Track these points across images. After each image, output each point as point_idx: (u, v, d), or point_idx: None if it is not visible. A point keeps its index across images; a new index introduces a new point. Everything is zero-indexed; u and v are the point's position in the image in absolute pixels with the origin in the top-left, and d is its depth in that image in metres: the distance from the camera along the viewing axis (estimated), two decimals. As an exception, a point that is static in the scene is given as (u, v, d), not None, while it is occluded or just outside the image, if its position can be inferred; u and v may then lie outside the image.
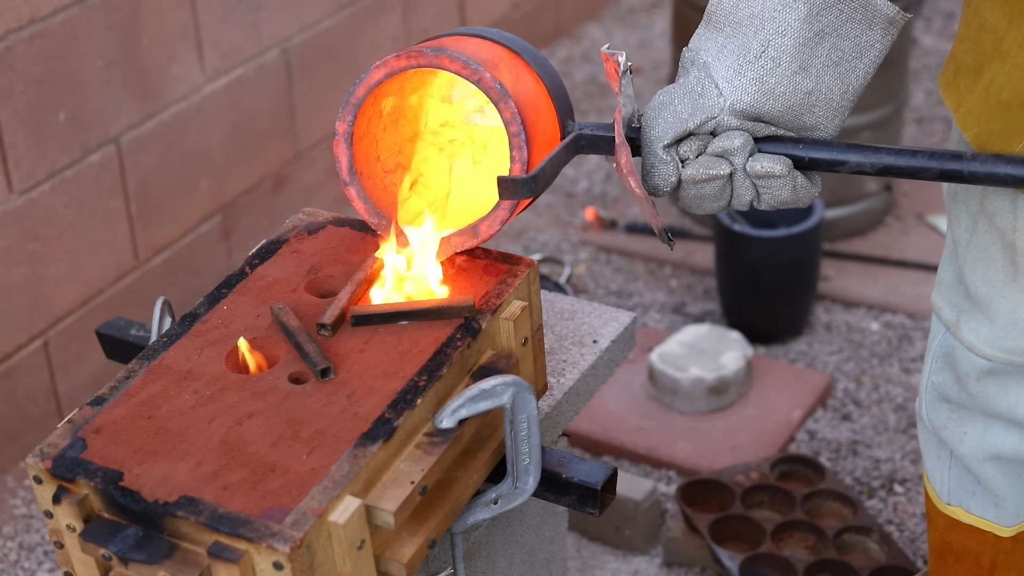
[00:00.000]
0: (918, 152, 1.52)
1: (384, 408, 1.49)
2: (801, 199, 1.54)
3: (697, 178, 1.52)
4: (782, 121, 1.52)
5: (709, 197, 1.54)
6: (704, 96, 1.51)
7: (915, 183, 3.56)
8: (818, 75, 1.51)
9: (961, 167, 1.50)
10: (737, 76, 1.50)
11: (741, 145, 1.50)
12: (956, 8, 4.52)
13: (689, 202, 1.55)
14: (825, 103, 1.52)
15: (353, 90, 1.62)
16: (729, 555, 2.46)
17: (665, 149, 1.52)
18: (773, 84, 1.50)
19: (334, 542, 1.39)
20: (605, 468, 1.61)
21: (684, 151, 1.52)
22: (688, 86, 1.52)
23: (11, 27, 2.58)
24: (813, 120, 1.53)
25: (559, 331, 1.90)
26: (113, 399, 1.53)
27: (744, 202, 1.54)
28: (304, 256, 1.72)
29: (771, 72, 1.49)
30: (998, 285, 1.69)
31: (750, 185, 1.52)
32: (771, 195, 1.53)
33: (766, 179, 1.51)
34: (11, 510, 2.75)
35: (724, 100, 1.51)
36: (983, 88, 1.57)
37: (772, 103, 1.50)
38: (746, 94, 1.50)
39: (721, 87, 1.51)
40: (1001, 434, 1.78)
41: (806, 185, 1.54)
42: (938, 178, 1.51)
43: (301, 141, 3.38)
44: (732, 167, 1.51)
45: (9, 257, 2.69)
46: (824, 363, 3.06)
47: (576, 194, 3.70)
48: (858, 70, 1.52)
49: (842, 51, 1.51)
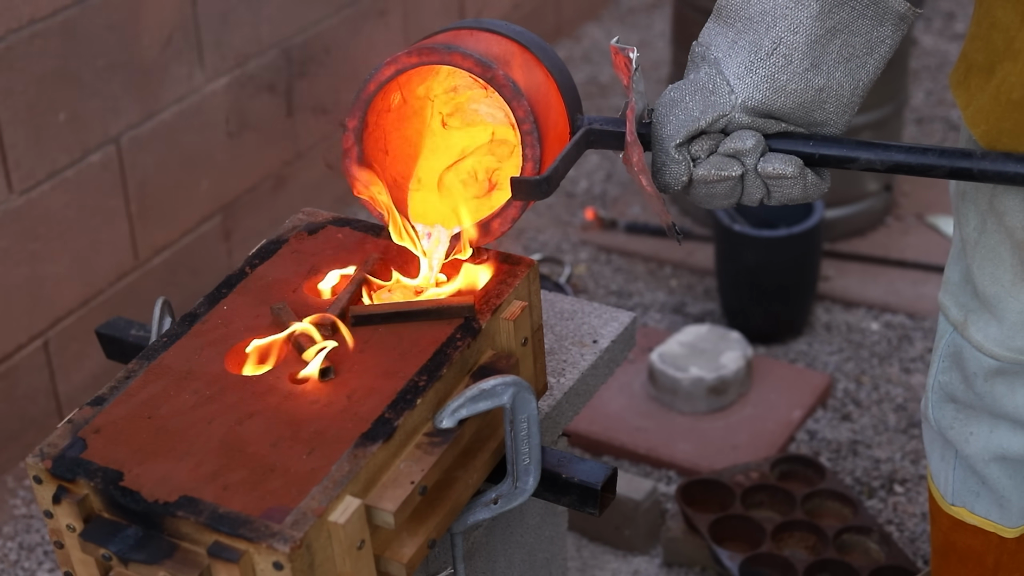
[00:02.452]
0: (928, 150, 1.52)
1: (384, 408, 1.49)
2: (811, 196, 1.56)
3: (709, 179, 1.52)
4: (793, 117, 1.52)
5: (720, 196, 1.55)
6: (715, 93, 1.51)
7: (915, 183, 3.56)
8: (829, 72, 1.51)
9: (971, 165, 1.50)
10: (748, 73, 1.50)
11: (753, 147, 1.51)
12: (956, 8, 4.52)
13: (700, 199, 1.56)
14: (836, 99, 1.53)
15: (363, 86, 1.61)
16: (729, 555, 2.46)
17: (677, 148, 1.52)
18: (785, 81, 1.50)
19: (334, 542, 1.39)
20: (605, 468, 1.61)
21: (696, 150, 1.53)
22: (699, 83, 1.52)
23: (11, 27, 2.58)
24: (824, 116, 1.53)
25: (559, 331, 1.90)
26: (113, 399, 1.53)
27: (755, 200, 1.55)
28: (304, 256, 1.72)
29: (783, 69, 1.49)
30: (1007, 284, 1.69)
31: (761, 184, 1.53)
32: (782, 193, 1.54)
33: (778, 179, 1.52)
34: (11, 510, 2.75)
35: (736, 97, 1.51)
36: (994, 87, 1.57)
37: (784, 100, 1.51)
38: (758, 91, 1.50)
39: (732, 84, 1.51)
40: (1007, 434, 1.78)
41: (816, 182, 1.55)
42: (948, 176, 1.52)
43: (301, 141, 3.38)
44: (744, 168, 1.52)
45: (9, 257, 2.69)
46: (824, 363, 3.06)
47: (576, 194, 3.70)
48: (868, 66, 1.52)
49: (853, 47, 1.51)
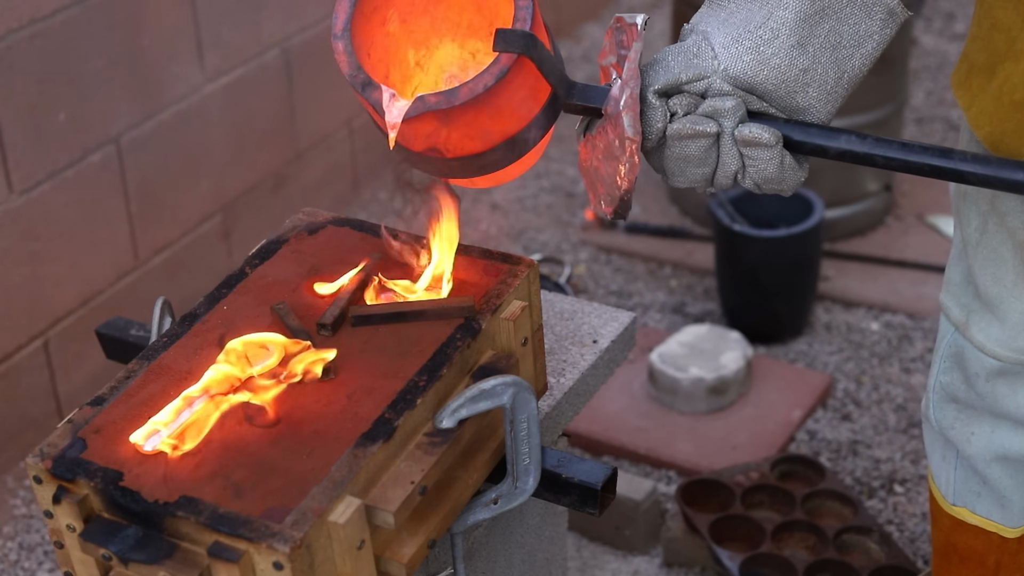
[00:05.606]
0: (909, 146, 1.49)
1: (384, 408, 1.49)
2: (787, 179, 1.51)
3: (683, 132, 1.49)
4: (775, 97, 1.50)
5: (694, 160, 1.51)
6: (699, 56, 1.50)
7: (915, 183, 3.56)
8: (815, 55, 1.49)
9: (952, 165, 1.47)
10: (734, 44, 1.49)
11: (731, 108, 1.48)
12: (956, 8, 4.52)
13: (673, 164, 1.52)
14: (819, 85, 1.51)
15: None
16: (729, 555, 2.46)
17: (655, 94, 1.50)
18: (769, 55, 1.48)
19: (334, 542, 1.39)
20: (605, 468, 1.61)
21: (673, 104, 1.50)
22: (684, 47, 1.51)
23: (11, 27, 2.58)
24: (806, 101, 1.51)
25: (559, 331, 1.90)
26: (113, 399, 1.53)
27: (729, 172, 1.51)
28: (304, 256, 1.72)
29: (768, 43, 1.48)
30: (1008, 285, 1.69)
31: (736, 153, 1.50)
32: (756, 169, 1.50)
33: (753, 147, 1.48)
34: (11, 510, 2.75)
35: (719, 63, 1.49)
36: (996, 87, 1.57)
37: (767, 74, 1.49)
38: (741, 61, 1.48)
39: (717, 51, 1.49)
40: (1009, 434, 1.78)
41: (793, 166, 1.51)
42: (929, 174, 1.49)
43: (301, 141, 3.38)
44: (720, 128, 1.49)
45: (9, 257, 2.69)
46: (824, 363, 3.06)
47: (576, 194, 3.70)
48: (855, 59, 1.51)
49: (840, 35, 1.50)
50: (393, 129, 1.50)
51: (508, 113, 1.52)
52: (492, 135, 1.54)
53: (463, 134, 1.53)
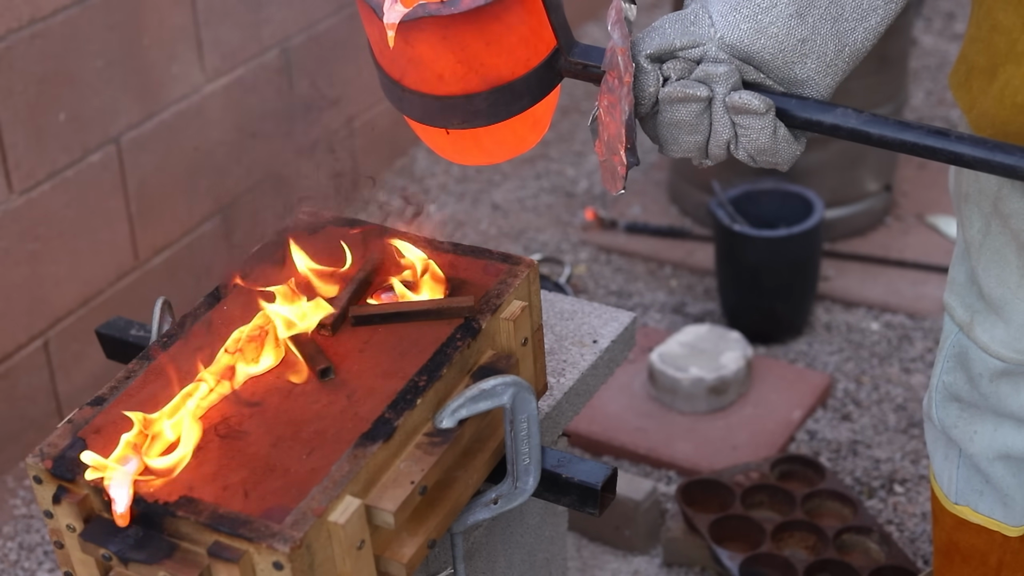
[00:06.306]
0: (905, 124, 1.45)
1: (384, 408, 1.49)
2: (781, 152, 1.48)
3: (674, 95, 1.46)
4: (772, 67, 1.47)
5: (686, 127, 1.48)
6: (696, 24, 1.47)
7: (915, 183, 3.56)
8: (814, 25, 1.46)
9: (951, 147, 1.43)
10: (732, 12, 1.46)
11: (724, 73, 1.45)
12: (956, 8, 4.52)
13: (665, 131, 1.49)
14: (818, 57, 1.47)
15: None
16: (729, 555, 2.46)
17: (647, 58, 1.47)
18: (767, 23, 1.45)
19: (334, 542, 1.39)
20: (605, 468, 1.61)
21: (667, 69, 1.47)
22: (682, 14, 1.49)
23: (11, 27, 2.58)
24: (805, 73, 1.48)
25: (559, 331, 1.90)
26: (113, 399, 1.53)
27: (721, 141, 1.48)
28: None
29: (766, 11, 1.45)
30: (1012, 286, 1.69)
31: (728, 122, 1.47)
32: (749, 139, 1.47)
33: (744, 115, 1.45)
34: (11, 510, 2.75)
35: (715, 31, 1.46)
36: (998, 90, 1.56)
37: (764, 42, 1.46)
38: (738, 29, 1.46)
39: (714, 19, 1.47)
40: (1012, 433, 1.78)
41: (787, 138, 1.47)
42: (924, 153, 1.46)
43: (301, 141, 3.38)
44: (711, 93, 1.46)
45: (9, 257, 2.69)
46: (824, 363, 3.06)
47: (576, 194, 3.70)
48: (856, 33, 1.48)
49: (842, 8, 1.47)
50: (391, 29, 1.47)
51: (507, 49, 1.49)
52: (486, 71, 1.50)
53: (457, 60, 1.49)
